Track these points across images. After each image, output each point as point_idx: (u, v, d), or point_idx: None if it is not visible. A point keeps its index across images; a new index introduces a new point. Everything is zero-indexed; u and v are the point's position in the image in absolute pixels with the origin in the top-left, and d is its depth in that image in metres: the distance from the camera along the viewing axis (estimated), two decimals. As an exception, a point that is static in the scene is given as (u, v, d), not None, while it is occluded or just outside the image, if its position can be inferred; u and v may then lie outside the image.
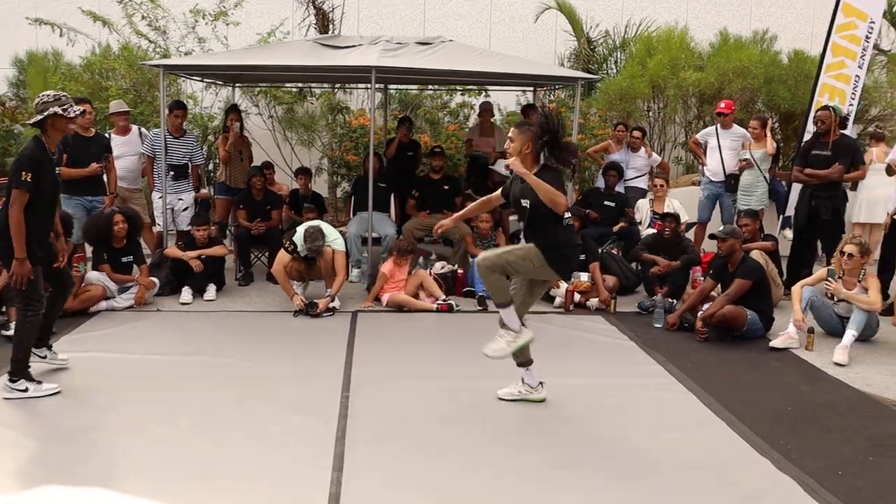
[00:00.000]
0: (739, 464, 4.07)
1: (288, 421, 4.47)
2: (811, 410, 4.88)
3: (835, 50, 9.17)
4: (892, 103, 11.09)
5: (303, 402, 4.78)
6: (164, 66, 8.13)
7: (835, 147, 7.54)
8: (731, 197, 8.80)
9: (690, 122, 11.89)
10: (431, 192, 8.82)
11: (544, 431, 4.45)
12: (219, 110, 11.25)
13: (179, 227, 8.23)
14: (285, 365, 5.50)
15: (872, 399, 5.14)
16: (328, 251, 7.08)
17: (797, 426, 4.61)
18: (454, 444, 4.24)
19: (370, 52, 7.74)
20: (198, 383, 5.08)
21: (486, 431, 4.42)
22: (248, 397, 4.84)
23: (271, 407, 4.69)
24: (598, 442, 4.32)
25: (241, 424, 4.41)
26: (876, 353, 6.25)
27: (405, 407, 4.75)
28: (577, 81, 8.57)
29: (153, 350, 5.77)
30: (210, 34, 11.06)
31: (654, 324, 6.88)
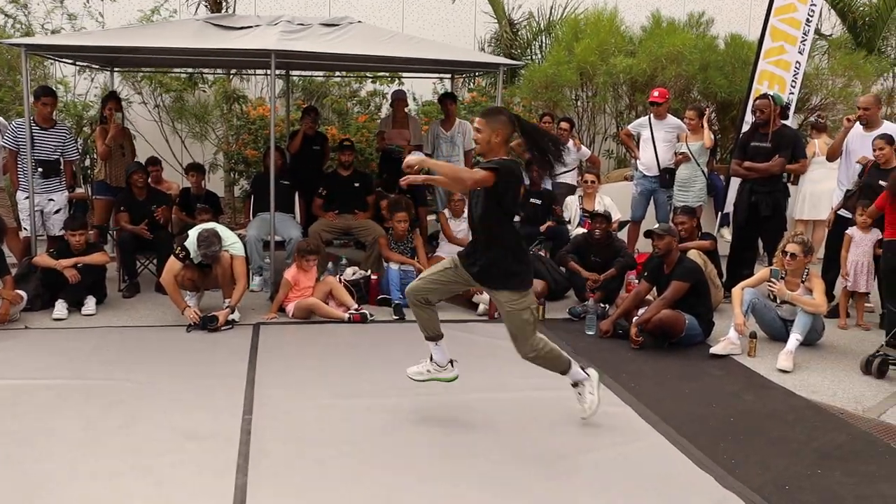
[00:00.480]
0: (680, 479, 4.15)
1: (181, 449, 4.37)
2: (755, 421, 5.02)
3: (774, 34, 9.46)
4: (833, 92, 11.50)
5: (198, 427, 4.67)
6: (26, 46, 7.81)
7: (775, 138, 7.78)
8: (667, 193, 9.01)
9: (622, 112, 12.15)
10: (340, 190, 8.75)
11: (470, 451, 4.45)
12: (95, 98, 10.95)
13: (51, 231, 7.98)
14: (178, 386, 5.37)
15: (819, 407, 5.32)
16: (225, 257, 6.95)
17: (741, 438, 4.73)
18: (369, 469, 4.20)
19: (269, 33, 7.63)
20: (75, 410, 4.91)
21: (404, 454, 4.39)
22: (134, 424, 4.70)
23: (162, 434, 4.57)
24: (529, 460, 4.34)
25: (127, 455, 4.28)
26: (822, 358, 6.47)
27: (315, 429, 4.69)
28: (498, 68, 8.64)
29: (20, 374, 5.55)
30: (82, 10, 10.74)
31: (587, 331, 6.98)
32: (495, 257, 4.50)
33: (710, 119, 9.93)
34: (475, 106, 11.78)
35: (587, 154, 10.14)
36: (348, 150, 8.95)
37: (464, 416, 4.91)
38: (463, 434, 4.70)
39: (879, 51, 12.43)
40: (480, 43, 13.49)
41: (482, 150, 4.51)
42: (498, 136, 4.43)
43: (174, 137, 11.74)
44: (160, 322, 7.01)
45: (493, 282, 4.56)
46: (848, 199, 7.65)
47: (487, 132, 4.43)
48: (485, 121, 4.45)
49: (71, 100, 10.93)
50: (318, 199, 8.77)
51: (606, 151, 12.68)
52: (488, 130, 4.43)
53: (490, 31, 13.43)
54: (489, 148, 4.45)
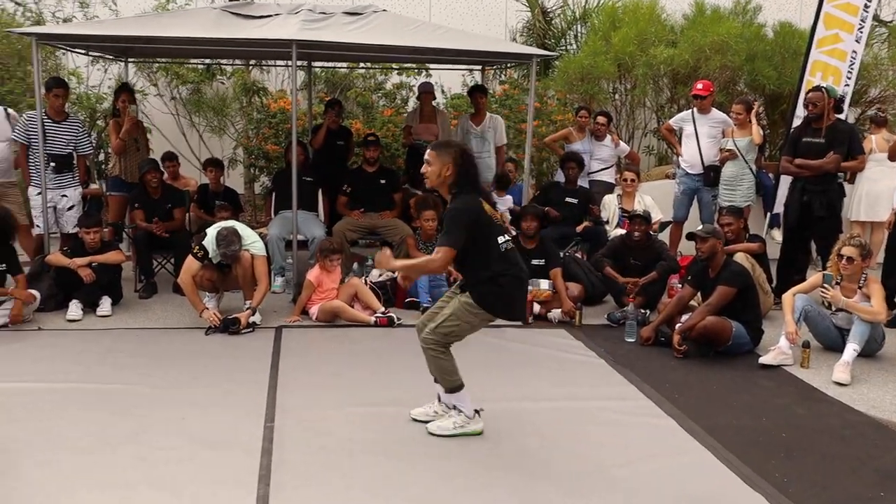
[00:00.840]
0: (728, 499, 4.11)
1: (199, 458, 4.38)
2: (809, 437, 4.96)
3: (828, 22, 9.30)
4: (893, 83, 11.34)
5: (217, 435, 4.69)
6: (37, 35, 7.90)
7: (829, 133, 7.67)
8: (711, 192, 8.94)
9: (663, 106, 12.08)
10: (366, 187, 8.77)
11: (501, 464, 4.43)
12: (109, 90, 11.04)
13: (64, 229, 8.07)
14: (196, 391, 5.40)
15: (879, 424, 5.24)
16: (246, 257, 6.99)
17: (793, 455, 4.68)
18: (396, 480, 4.19)
19: (290, 22, 7.68)
20: (87, 415, 4.95)
21: (433, 466, 4.38)
22: (149, 431, 4.73)
23: (178, 442, 4.58)
24: (562, 474, 4.31)
25: (140, 465, 4.29)
26: (881, 370, 6.37)
27: (340, 438, 4.69)
28: (531, 59, 8.62)
29: (32, 377, 5.60)
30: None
31: (626, 338, 6.94)
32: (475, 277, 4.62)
33: (759, 113, 9.85)
34: (507, 99, 11.77)
35: (626, 150, 10.10)
36: (374, 145, 8.96)
37: (494, 426, 4.89)
38: (493, 445, 4.69)
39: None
40: (512, 33, 13.47)
41: (432, 183, 4.65)
42: (448, 169, 4.57)
43: (191, 131, 11.82)
44: (178, 324, 7.06)
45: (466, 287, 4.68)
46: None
47: (437, 165, 4.58)
48: (435, 153, 4.61)
49: (84, 91, 11.03)
50: (343, 197, 8.79)
51: (646, 148, 12.61)
52: (438, 164, 4.58)
53: (522, 20, 13.40)
54: (440, 182, 4.62)
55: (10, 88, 10.17)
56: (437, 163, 4.57)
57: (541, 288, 7.49)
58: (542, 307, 7.49)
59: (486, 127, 9.45)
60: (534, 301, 7.43)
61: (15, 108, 9.05)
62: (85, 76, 11.12)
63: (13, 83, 10.27)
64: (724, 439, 4.84)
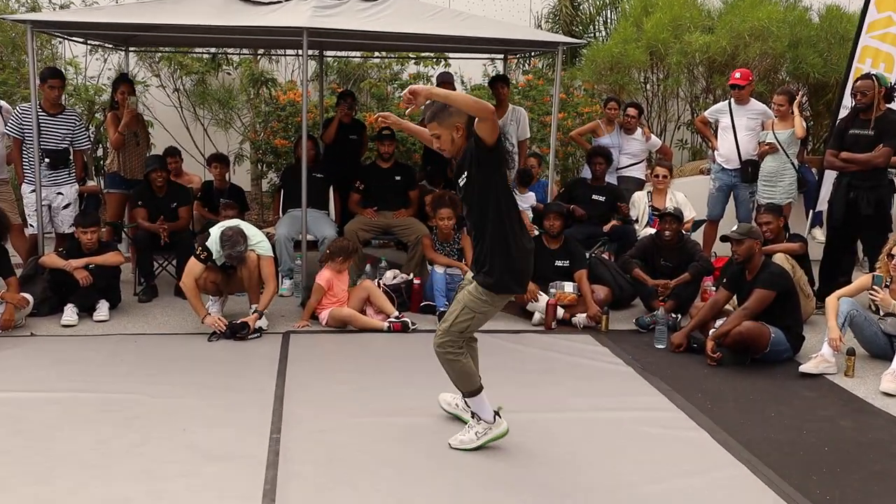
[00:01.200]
0: (766, 516, 4.09)
1: (201, 472, 4.39)
2: (854, 451, 4.93)
3: (880, 4, 9.16)
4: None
5: (221, 446, 4.71)
6: (32, 22, 7.96)
7: (879, 125, 7.63)
8: (749, 188, 8.91)
9: (697, 97, 12.06)
10: (380, 184, 8.79)
11: (523, 478, 4.43)
12: (108, 81, 11.11)
13: (60, 228, 8.11)
14: (199, 401, 5.42)
15: (928, 436, 5.22)
16: (251, 258, 7.01)
17: (837, 471, 4.65)
18: (409, 495, 4.20)
19: (300, 9, 7.69)
20: (84, 427, 4.97)
21: (449, 480, 4.38)
22: (149, 443, 4.75)
23: (180, 454, 4.60)
24: (591, 490, 4.30)
25: (141, 478, 4.31)
26: (932, 379, 6.33)
27: (350, 451, 4.70)
28: (557, 47, 8.62)
29: (25, 385, 5.63)
30: (95, -17, 10.95)
31: (656, 345, 6.93)
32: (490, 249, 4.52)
33: (802, 104, 9.79)
34: (531, 90, 11.78)
35: (658, 144, 10.09)
36: (388, 139, 8.97)
37: (514, 437, 4.87)
38: (512, 458, 4.68)
39: None
40: (537, 19, 13.48)
41: (451, 151, 4.56)
42: (458, 130, 4.46)
43: (196, 125, 11.89)
44: (180, 329, 7.09)
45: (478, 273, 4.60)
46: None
47: (447, 132, 4.48)
48: (436, 123, 4.49)
49: (81, 83, 11.12)
50: (355, 195, 8.81)
51: (679, 141, 12.59)
52: (446, 130, 4.47)
53: (548, 6, 13.42)
54: (456, 146, 4.52)
55: (4, 79, 10.26)
56: (445, 128, 4.47)
57: (565, 291, 7.48)
58: (567, 311, 7.47)
59: (508, 120, 9.44)
60: (557, 305, 7.42)
61: (8, 101, 9.13)
62: (83, 66, 11.20)
63: (6, 73, 10.36)
64: (762, 454, 4.81)
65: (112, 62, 11.27)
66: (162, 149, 9.37)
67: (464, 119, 4.43)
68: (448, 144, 4.50)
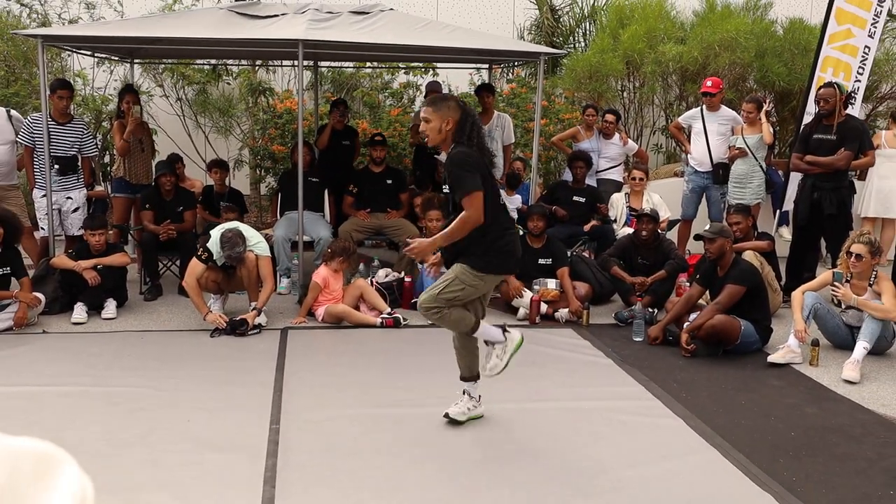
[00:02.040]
0: (736, 499, 4.11)
1: (205, 461, 4.40)
2: (818, 436, 4.96)
3: (840, 17, 9.25)
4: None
5: (224, 437, 4.71)
6: (42, 37, 7.95)
7: (840, 130, 7.66)
8: (720, 190, 8.95)
9: (671, 104, 12.08)
10: (372, 187, 8.80)
11: (508, 465, 4.44)
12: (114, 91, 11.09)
13: (69, 231, 8.09)
14: (202, 393, 5.42)
15: (889, 422, 5.24)
16: (250, 258, 7.01)
17: (802, 455, 4.68)
18: (402, 481, 4.21)
19: (296, 22, 7.69)
20: (93, 419, 4.97)
21: (439, 467, 4.40)
22: (155, 434, 4.75)
23: (184, 445, 4.61)
24: (572, 475, 4.32)
25: (147, 467, 4.32)
26: (892, 367, 6.36)
27: (346, 440, 4.71)
28: (539, 57, 8.62)
29: (38, 380, 5.63)
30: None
31: (634, 337, 6.94)
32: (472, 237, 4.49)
33: (769, 112, 9.83)
34: (514, 98, 11.78)
35: (634, 148, 10.11)
36: (380, 145, 8.98)
37: (500, 426, 4.90)
38: (499, 446, 4.70)
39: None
40: (520, 31, 13.47)
41: (434, 140, 4.53)
42: (449, 123, 4.46)
43: (197, 132, 11.86)
44: (184, 326, 7.08)
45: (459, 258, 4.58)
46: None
47: (437, 120, 4.46)
48: (432, 109, 4.48)
49: (89, 93, 11.08)
50: (349, 197, 8.82)
51: (655, 146, 12.60)
52: (438, 118, 4.46)
53: (530, 18, 13.40)
54: (441, 137, 4.51)
55: (16, 91, 10.21)
56: (437, 117, 4.46)
57: (548, 287, 7.50)
58: (549, 307, 7.49)
59: (493, 126, 9.44)
60: (541, 301, 7.43)
61: (20, 111, 9.10)
62: (90, 78, 11.16)
63: (19, 85, 10.32)
64: (733, 439, 4.84)
65: (118, 74, 11.23)
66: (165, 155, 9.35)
67: (457, 116, 4.45)
68: (434, 133, 4.49)
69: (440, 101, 4.55)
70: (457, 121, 4.47)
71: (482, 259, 4.50)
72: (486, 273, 4.54)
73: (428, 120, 4.49)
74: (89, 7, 10.89)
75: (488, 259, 4.51)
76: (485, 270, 4.52)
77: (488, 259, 4.51)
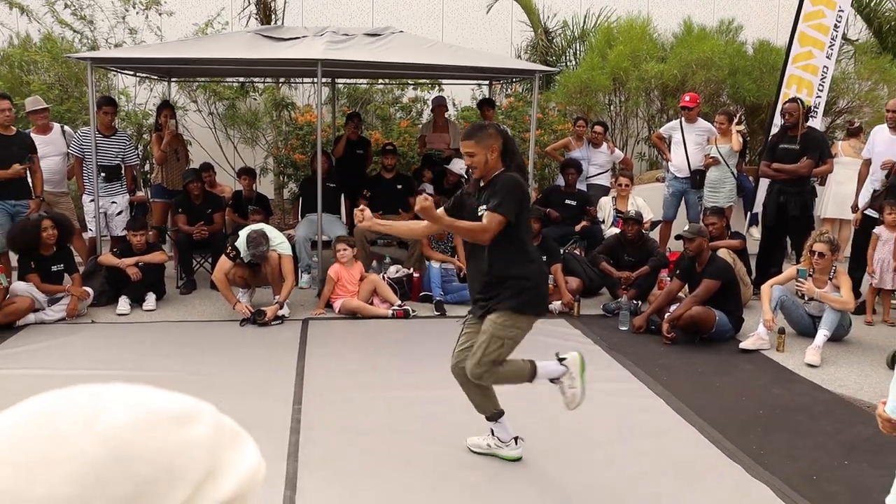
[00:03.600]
0: (711, 470, 4.14)
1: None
2: (783, 414, 4.99)
3: (802, 39, 9.30)
4: (860, 95, 11.36)
5: (251, 416, 4.71)
6: (91, 59, 7.98)
7: (803, 141, 7.71)
8: (697, 193, 8.94)
9: (654, 116, 12.07)
10: (383, 191, 8.81)
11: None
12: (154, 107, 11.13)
13: (114, 232, 8.14)
14: (232, 377, 5.46)
15: (846, 401, 5.27)
16: (273, 256, 7.03)
17: (769, 430, 4.70)
18: (414, 457, 4.24)
19: (315, 44, 7.71)
20: (137, 399, 4.99)
21: (446, 443, 4.42)
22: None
23: (217, 423, 4.63)
24: (567, 450, 4.35)
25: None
26: (849, 353, 6.39)
27: (361, 419, 4.73)
28: (534, 74, 8.64)
29: (88, 365, 5.67)
30: (142, 24, 10.94)
31: (620, 327, 6.96)
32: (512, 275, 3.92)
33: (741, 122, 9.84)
34: (512, 111, 11.78)
35: (620, 157, 10.11)
36: (391, 154, 9.00)
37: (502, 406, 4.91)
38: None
39: (905, 55, 12.22)
40: (517, 50, 13.47)
41: (481, 172, 3.92)
42: (493, 151, 3.87)
43: (227, 143, 11.88)
44: (215, 317, 7.12)
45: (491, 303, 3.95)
46: (875, 199, 7.54)
47: (482, 152, 3.85)
48: (473, 142, 3.86)
49: (132, 109, 11.11)
50: (363, 201, 8.82)
51: (639, 154, 12.59)
52: (482, 150, 3.85)
53: (526, 39, 13.40)
54: (488, 168, 3.90)
55: (69, 107, 10.25)
56: (480, 149, 3.84)
57: (542, 282, 7.51)
58: (544, 299, 7.48)
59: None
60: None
61: (72, 125, 9.15)
62: (133, 95, 11.19)
63: (71, 102, 10.36)
64: (708, 417, 4.86)
65: (157, 91, 11.26)
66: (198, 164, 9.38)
67: (500, 142, 3.90)
68: (481, 164, 3.88)
69: (478, 131, 3.91)
70: (500, 147, 3.91)
71: (516, 299, 3.89)
72: (521, 314, 3.92)
73: (472, 154, 3.87)
74: (132, 32, 10.92)
75: (523, 299, 3.90)
76: (519, 311, 3.90)
77: (523, 299, 3.90)
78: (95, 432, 0.67)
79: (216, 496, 0.70)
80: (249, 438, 0.79)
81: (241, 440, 0.78)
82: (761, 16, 13.59)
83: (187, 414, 0.74)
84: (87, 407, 0.70)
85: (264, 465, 0.78)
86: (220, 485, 0.71)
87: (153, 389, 0.77)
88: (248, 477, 0.74)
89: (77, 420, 0.68)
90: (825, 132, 9.93)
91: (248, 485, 0.74)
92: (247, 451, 0.77)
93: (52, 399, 0.71)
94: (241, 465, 0.75)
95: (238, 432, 0.78)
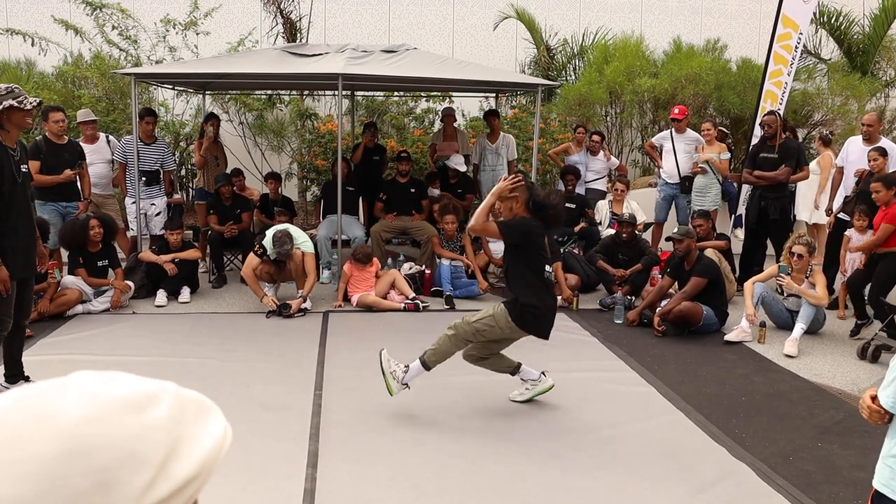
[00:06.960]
0: (697, 451, 4.12)
1: (260, 419, 4.44)
2: (763, 400, 4.97)
3: (776, 58, 9.35)
4: (832, 109, 11.36)
5: (276, 399, 4.75)
6: (135, 75, 8.03)
7: (781, 150, 7.70)
8: (686, 198, 8.91)
9: (646, 127, 12.03)
10: (398, 194, 8.79)
11: (514, 424, 4.47)
12: (190, 118, 11.16)
13: (153, 231, 8.16)
14: (258, 364, 5.46)
15: (820, 388, 5.25)
16: (297, 254, 7.03)
17: (750, 415, 4.69)
18: (425, 437, 4.24)
19: (337, 59, 7.71)
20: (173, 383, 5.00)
21: (453, 425, 4.42)
22: (220, 396, 4.79)
23: (243, 405, 4.64)
24: (566, 433, 4.34)
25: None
26: (823, 344, 6.37)
27: (377, 404, 4.73)
28: (537, 88, 8.62)
29: (129, 352, 5.69)
30: (181, 43, 10.97)
31: (615, 320, 6.94)
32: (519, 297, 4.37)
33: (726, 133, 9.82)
34: (517, 121, 11.76)
35: (616, 164, 10.07)
36: (405, 160, 8.98)
37: (504, 393, 4.91)
38: (502, 408, 4.71)
39: (872, 73, 12.15)
40: (521, 66, 13.44)
41: (507, 216, 4.45)
42: (518, 202, 4.37)
43: (255, 150, 11.90)
44: (244, 309, 7.12)
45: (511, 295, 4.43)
46: (846, 205, 7.52)
47: (508, 204, 4.40)
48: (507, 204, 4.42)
49: (170, 119, 11.14)
50: (379, 203, 8.82)
51: (633, 161, 12.57)
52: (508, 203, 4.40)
53: (529, 56, 13.37)
54: (512, 213, 4.41)
55: (114, 118, 10.28)
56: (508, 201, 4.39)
57: (543, 278, 7.49)
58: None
59: (500, 144, 9.44)
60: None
61: (117, 135, 9.18)
62: (171, 106, 11.22)
63: (116, 114, 10.39)
64: (695, 403, 4.85)
65: (193, 103, 11.29)
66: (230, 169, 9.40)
67: (525, 197, 4.34)
68: (507, 212, 4.42)
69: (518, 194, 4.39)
70: (524, 199, 4.36)
71: (518, 311, 4.33)
72: (517, 325, 4.35)
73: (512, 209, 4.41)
74: (172, 50, 10.95)
75: (525, 316, 4.33)
76: (516, 322, 4.33)
77: (525, 316, 4.33)
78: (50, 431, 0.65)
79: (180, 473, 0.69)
80: (215, 409, 0.77)
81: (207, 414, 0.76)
82: (744, 36, 13.56)
83: (146, 398, 0.72)
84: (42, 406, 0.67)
85: (230, 433, 0.77)
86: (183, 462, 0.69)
87: (118, 376, 0.74)
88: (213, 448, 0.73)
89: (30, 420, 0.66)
90: (801, 142, 9.91)
91: (212, 456, 0.73)
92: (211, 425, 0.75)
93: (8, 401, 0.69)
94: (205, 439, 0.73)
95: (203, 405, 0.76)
